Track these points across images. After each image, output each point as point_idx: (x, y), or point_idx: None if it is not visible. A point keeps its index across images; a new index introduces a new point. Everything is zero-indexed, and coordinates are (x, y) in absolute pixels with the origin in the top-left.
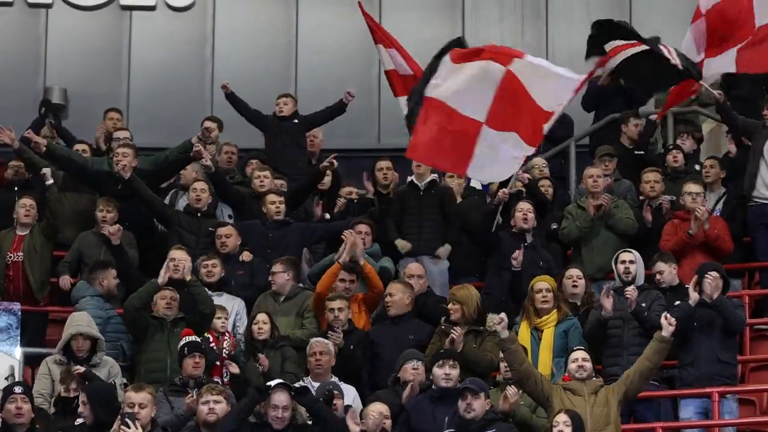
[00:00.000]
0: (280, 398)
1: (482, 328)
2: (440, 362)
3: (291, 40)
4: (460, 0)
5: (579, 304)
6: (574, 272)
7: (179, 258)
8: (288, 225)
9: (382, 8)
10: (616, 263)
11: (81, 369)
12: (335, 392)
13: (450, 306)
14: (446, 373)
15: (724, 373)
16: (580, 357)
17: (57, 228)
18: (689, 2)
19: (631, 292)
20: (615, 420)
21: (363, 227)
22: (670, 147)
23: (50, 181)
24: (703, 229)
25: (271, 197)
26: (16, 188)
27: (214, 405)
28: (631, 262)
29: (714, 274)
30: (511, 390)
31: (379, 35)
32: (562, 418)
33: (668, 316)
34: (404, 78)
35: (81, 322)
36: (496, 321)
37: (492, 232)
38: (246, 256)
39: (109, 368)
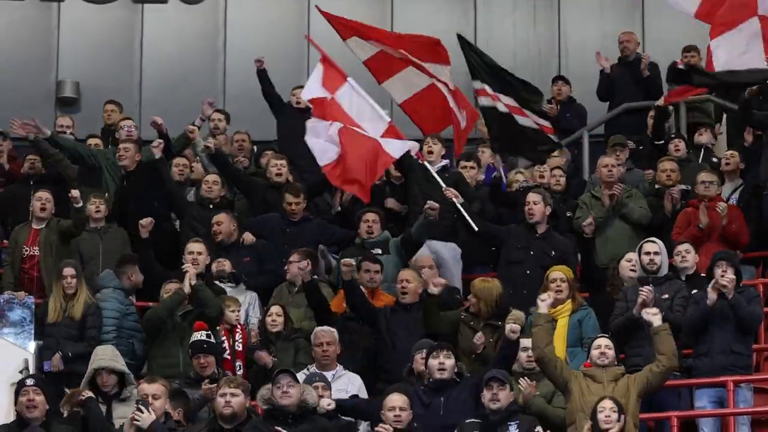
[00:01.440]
0: (285, 378)
1: (500, 323)
2: (434, 353)
3: (303, 32)
4: None
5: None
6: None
7: (197, 251)
8: (308, 221)
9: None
10: (640, 253)
11: (87, 394)
12: (322, 384)
13: (470, 298)
14: (441, 363)
15: (737, 363)
16: (603, 344)
17: (75, 235)
18: None
19: (646, 293)
20: (632, 411)
21: (370, 216)
22: (672, 136)
23: (80, 204)
24: (722, 222)
25: (288, 197)
26: (32, 182)
27: (230, 398)
28: (656, 253)
29: (730, 276)
30: (524, 382)
31: (345, 30)
32: (608, 404)
33: (647, 310)
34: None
35: (104, 355)
36: (542, 298)
37: (482, 230)
38: (248, 238)
39: None
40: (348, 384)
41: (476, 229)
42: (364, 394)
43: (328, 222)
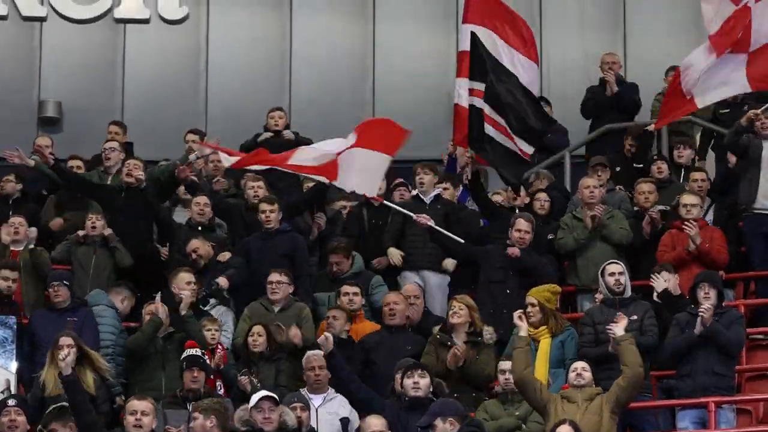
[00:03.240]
0: (266, 403)
1: (480, 339)
2: (408, 372)
3: (285, 52)
4: (453, 10)
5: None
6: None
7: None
8: (282, 233)
9: (375, 20)
10: (603, 275)
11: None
12: (301, 405)
13: (456, 309)
14: (415, 382)
15: (720, 384)
16: (579, 366)
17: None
18: (683, 9)
19: (620, 320)
20: (608, 429)
21: (335, 257)
22: (655, 158)
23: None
24: (695, 243)
25: (263, 206)
26: (10, 202)
27: (193, 422)
28: (620, 273)
29: (707, 306)
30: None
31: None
32: (565, 429)
33: (618, 315)
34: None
35: None
36: (517, 315)
37: (461, 249)
38: (223, 257)
39: None
40: (339, 407)
41: (461, 241)
42: (355, 418)
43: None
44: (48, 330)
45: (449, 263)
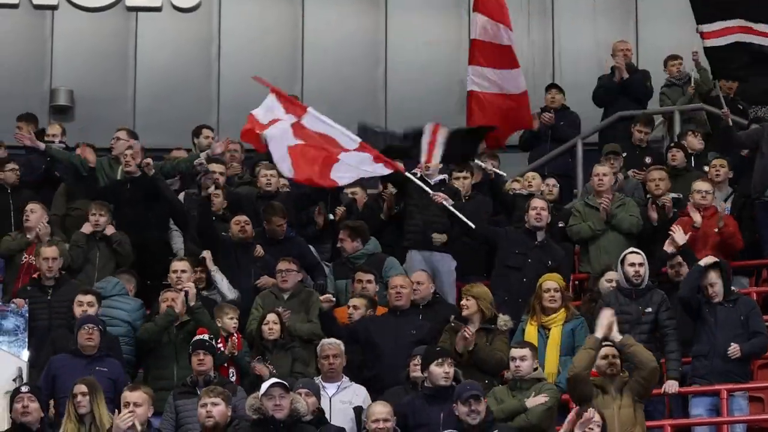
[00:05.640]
0: (277, 390)
1: (492, 326)
2: (439, 360)
3: (297, 40)
4: None
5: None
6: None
7: (181, 269)
8: (289, 240)
9: (388, 8)
10: (623, 264)
11: None
12: (307, 390)
13: (464, 302)
14: (446, 372)
15: (736, 370)
16: (610, 354)
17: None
18: None
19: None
20: (641, 420)
21: (341, 234)
22: (672, 145)
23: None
24: (718, 226)
25: (277, 220)
26: (9, 191)
27: (211, 408)
28: (641, 264)
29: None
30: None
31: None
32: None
33: (603, 327)
34: None
35: None
36: (607, 318)
37: (479, 229)
38: (259, 251)
39: None
40: (353, 395)
41: (473, 226)
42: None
43: (317, 236)
44: (73, 379)
45: (439, 237)
